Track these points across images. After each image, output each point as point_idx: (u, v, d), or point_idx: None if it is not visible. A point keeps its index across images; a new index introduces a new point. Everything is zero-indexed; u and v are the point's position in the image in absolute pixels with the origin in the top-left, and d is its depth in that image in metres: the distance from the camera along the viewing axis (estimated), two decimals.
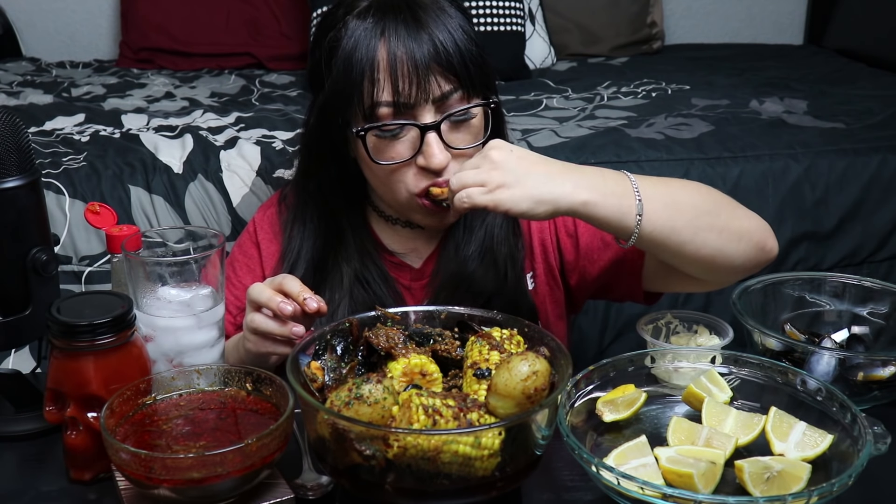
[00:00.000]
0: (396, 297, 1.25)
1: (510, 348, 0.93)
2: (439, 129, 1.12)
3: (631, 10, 3.03)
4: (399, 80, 1.10)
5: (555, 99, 2.36)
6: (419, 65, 1.10)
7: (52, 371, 0.93)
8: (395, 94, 1.10)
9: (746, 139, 1.99)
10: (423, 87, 1.10)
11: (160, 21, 2.84)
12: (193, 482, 0.82)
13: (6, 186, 0.99)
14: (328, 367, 0.93)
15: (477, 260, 1.24)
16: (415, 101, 1.11)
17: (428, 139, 1.12)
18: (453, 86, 1.12)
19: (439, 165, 1.12)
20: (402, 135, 1.13)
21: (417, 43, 1.10)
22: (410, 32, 1.11)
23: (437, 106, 1.12)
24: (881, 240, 1.96)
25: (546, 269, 1.30)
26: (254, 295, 1.04)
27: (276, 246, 1.30)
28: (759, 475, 0.86)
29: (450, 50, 1.11)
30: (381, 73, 1.11)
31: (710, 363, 1.04)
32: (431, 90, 1.11)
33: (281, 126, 2.01)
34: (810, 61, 2.89)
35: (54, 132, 2.00)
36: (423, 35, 1.11)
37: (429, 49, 1.10)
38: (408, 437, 0.79)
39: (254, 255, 1.32)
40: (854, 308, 1.20)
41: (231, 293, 1.29)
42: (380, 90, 1.11)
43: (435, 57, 1.11)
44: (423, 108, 1.11)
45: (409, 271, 1.28)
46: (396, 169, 1.14)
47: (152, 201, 1.75)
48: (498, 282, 1.24)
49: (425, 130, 1.12)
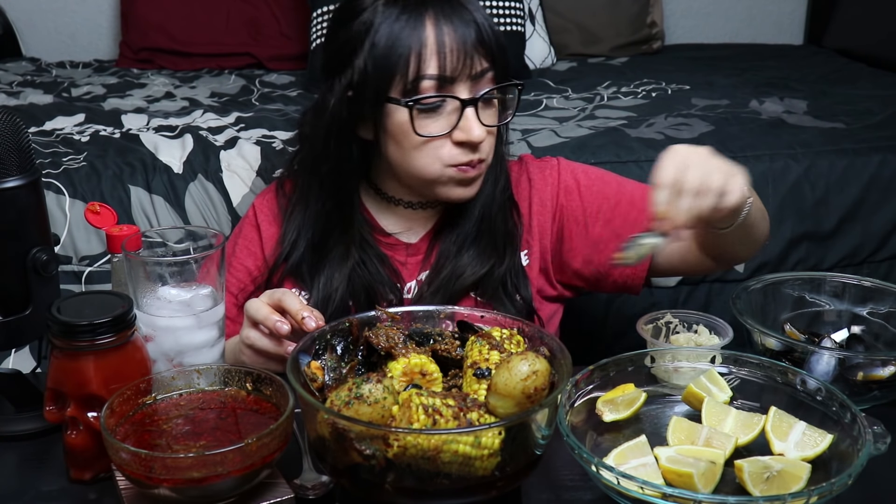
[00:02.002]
0: (393, 274, 1.28)
1: (510, 348, 0.93)
2: (477, 105, 1.18)
3: (631, 10, 3.03)
4: (446, 55, 1.16)
5: (555, 99, 2.36)
6: (466, 41, 1.17)
7: (53, 371, 0.93)
8: (440, 69, 1.16)
9: (746, 139, 1.99)
10: (466, 63, 1.17)
11: (160, 21, 2.84)
12: (193, 482, 0.82)
13: (6, 186, 0.99)
14: (328, 367, 0.93)
15: (473, 234, 1.28)
16: (458, 77, 1.17)
17: (467, 114, 1.18)
18: (489, 65, 1.19)
19: (479, 138, 1.18)
20: (441, 109, 1.19)
21: (462, 21, 1.18)
22: (455, 11, 1.18)
23: (472, 84, 1.19)
24: (881, 240, 1.96)
25: (541, 248, 1.33)
26: (251, 311, 1.06)
27: (276, 229, 1.32)
28: (758, 475, 0.86)
29: (488, 30, 1.20)
30: (427, 49, 1.17)
31: (710, 363, 1.04)
32: (473, 67, 1.18)
33: (281, 126, 2.01)
34: (810, 61, 2.89)
35: (54, 132, 2.00)
36: (465, 15, 1.19)
37: (473, 28, 1.18)
38: (408, 436, 0.79)
39: (254, 238, 1.34)
40: (854, 308, 1.20)
41: (232, 275, 1.31)
42: (426, 64, 1.17)
43: (478, 35, 1.18)
44: (462, 85, 1.18)
45: (404, 248, 1.31)
46: (430, 142, 1.19)
47: (152, 201, 1.75)
48: (495, 256, 1.28)
49: (465, 105, 1.18)
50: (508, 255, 1.29)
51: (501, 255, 1.29)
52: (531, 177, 1.35)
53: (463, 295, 1.27)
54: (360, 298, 1.26)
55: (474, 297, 1.28)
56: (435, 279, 1.27)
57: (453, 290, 1.26)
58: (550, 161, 1.38)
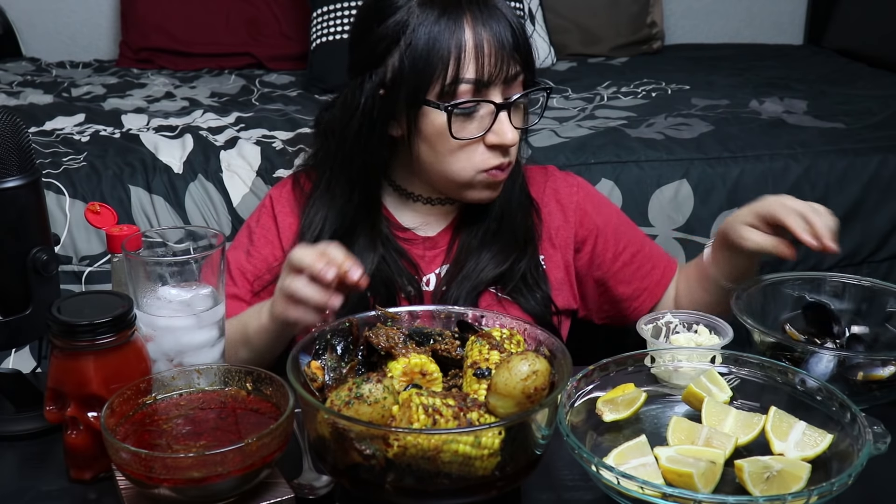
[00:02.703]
0: (411, 267, 1.29)
1: (510, 348, 0.94)
2: (510, 109, 1.19)
3: (631, 10, 3.03)
4: (484, 59, 1.17)
5: (555, 99, 2.36)
6: (505, 46, 1.18)
7: (53, 371, 0.94)
8: (478, 72, 1.17)
9: (746, 139, 1.98)
10: (502, 67, 1.18)
11: (160, 21, 2.84)
12: (193, 482, 0.82)
13: (6, 186, 0.99)
14: (328, 367, 0.93)
15: (494, 229, 1.30)
16: (494, 81, 1.18)
17: (501, 117, 1.19)
18: (520, 68, 1.20)
19: (513, 141, 1.20)
20: (475, 113, 1.19)
21: (500, 26, 1.18)
22: (492, 14, 1.18)
23: (505, 87, 1.20)
24: (881, 240, 1.96)
25: (564, 261, 1.35)
26: (296, 257, 1.04)
27: (294, 220, 1.32)
28: (758, 475, 0.86)
29: (521, 33, 1.20)
30: (467, 52, 1.17)
31: (710, 363, 1.04)
32: (508, 70, 1.19)
33: (281, 126, 2.01)
34: (810, 61, 2.88)
35: (54, 132, 2.00)
36: (502, 20, 1.19)
37: (508, 31, 1.18)
38: (408, 436, 0.79)
39: (271, 228, 1.33)
40: (854, 308, 1.20)
41: (249, 262, 1.31)
42: (464, 68, 1.17)
43: (513, 38, 1.19)
44: (496, 88, 1.19)
45: (422, 242, 1.32)
46: (465, 146, 1.20)
47: (152, 201, 1.75)
48: (516, 251, 1.29)
49: (500, 109, 1.19)
50: (529, 251, 1.30)
51: (522, 250, 1.30)
52: (557, 189, 1.37)
53: (483, 289, 1.28)
54: (380, 291, 1.26)
55: (494, 292, 1.28)
56: (456, 273, 1.28)
57: (475, 283, 1.26)
58: (573, 178, 1.40)
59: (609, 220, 1.39)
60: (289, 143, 1.87)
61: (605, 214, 1.39)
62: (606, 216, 1.39)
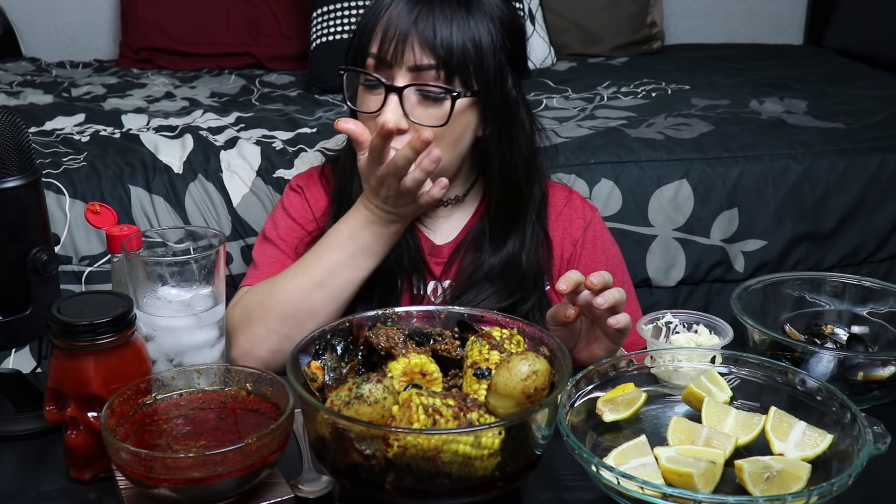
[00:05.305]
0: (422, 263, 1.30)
1: (510, 348, 0.93)
2: (401, 95, 1.18)
3: (631, 10, 3.03)
4: (388, 39, 1.18)
5: (555, 99, 2.36)
6: (421, 33, 1.17)
7: (53, 371, 0.94)
8: (381, 50, 1.19)
9: (746, 139, 1.99)
10: (405, 52, 1.18)
11: (160, 21, 2.84)
12: (193, 482, 0.82)
13: (6, 186, 0.99)
14: (328, 367, 0.93)
15: (500, 268, 1.27)
16: (394, 63, 1.18)
17: (390, 99, 1.19)
18: (432, 62, 1.18)
19: (384, 121, 1.14)
20: (375, 90, 1.21)
21: (437, 17, 1.18)
22: (442, 8, 1.18)
23: (414, 76, 1.19)
24: (881, 240, 1.96)
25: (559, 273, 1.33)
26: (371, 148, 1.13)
27: (323, 197, 1.35)
28: (758, 475, 0.86)
29: (442, 30, 1.18)
30: (378, 28, 1.20)
31: (710, 363, 1.04)
32: (406, 58, 1.18)
33: (281, 126, 2.01)
34: (810, 61, 2.89)
35: (54, 132, 2.00)
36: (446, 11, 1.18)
37: (423, 21, 1.17)
38: (408, 436, 0.79)
39: (302, 203, 1.36)
40: (854, 308, 1.20)
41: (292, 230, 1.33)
42: (373, 43, 1.20)
43: (422, 30, 1.17)
44: (399, 73, 1.19)
45: (429, 244, 1.32)
46: (368, 119, 1.21)
47: (152, 201, 1.75)
48: (521, 291, 1.27)
49: (390, 91, 1.19)
50: (536, 291, 1.29)
51: (528, 291, 1.28)
52: (571, 218, 1.36)
53: None
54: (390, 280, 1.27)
55: None
56: (458, 297, 1.27)
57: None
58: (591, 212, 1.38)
59: (605, 261, 1.35)
60: (289, 144, 1.87)
61: (602, 251, 1.36)
62: (603, 254, 1.36)
